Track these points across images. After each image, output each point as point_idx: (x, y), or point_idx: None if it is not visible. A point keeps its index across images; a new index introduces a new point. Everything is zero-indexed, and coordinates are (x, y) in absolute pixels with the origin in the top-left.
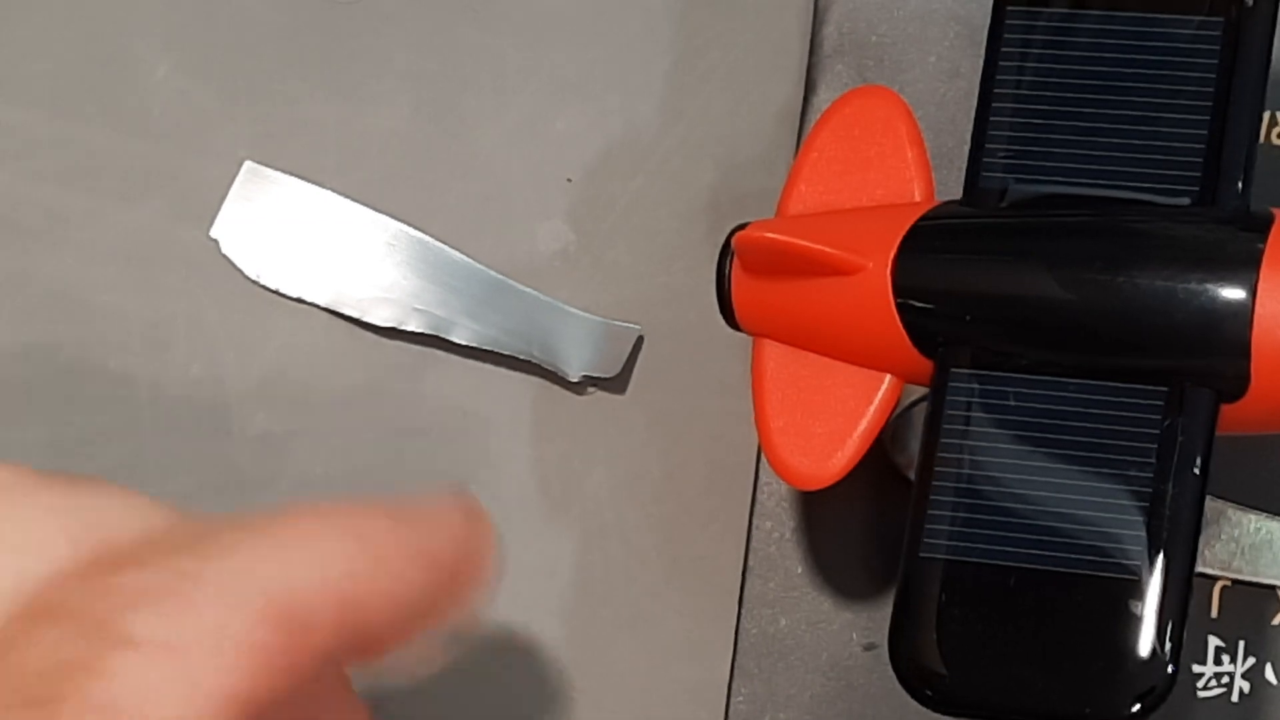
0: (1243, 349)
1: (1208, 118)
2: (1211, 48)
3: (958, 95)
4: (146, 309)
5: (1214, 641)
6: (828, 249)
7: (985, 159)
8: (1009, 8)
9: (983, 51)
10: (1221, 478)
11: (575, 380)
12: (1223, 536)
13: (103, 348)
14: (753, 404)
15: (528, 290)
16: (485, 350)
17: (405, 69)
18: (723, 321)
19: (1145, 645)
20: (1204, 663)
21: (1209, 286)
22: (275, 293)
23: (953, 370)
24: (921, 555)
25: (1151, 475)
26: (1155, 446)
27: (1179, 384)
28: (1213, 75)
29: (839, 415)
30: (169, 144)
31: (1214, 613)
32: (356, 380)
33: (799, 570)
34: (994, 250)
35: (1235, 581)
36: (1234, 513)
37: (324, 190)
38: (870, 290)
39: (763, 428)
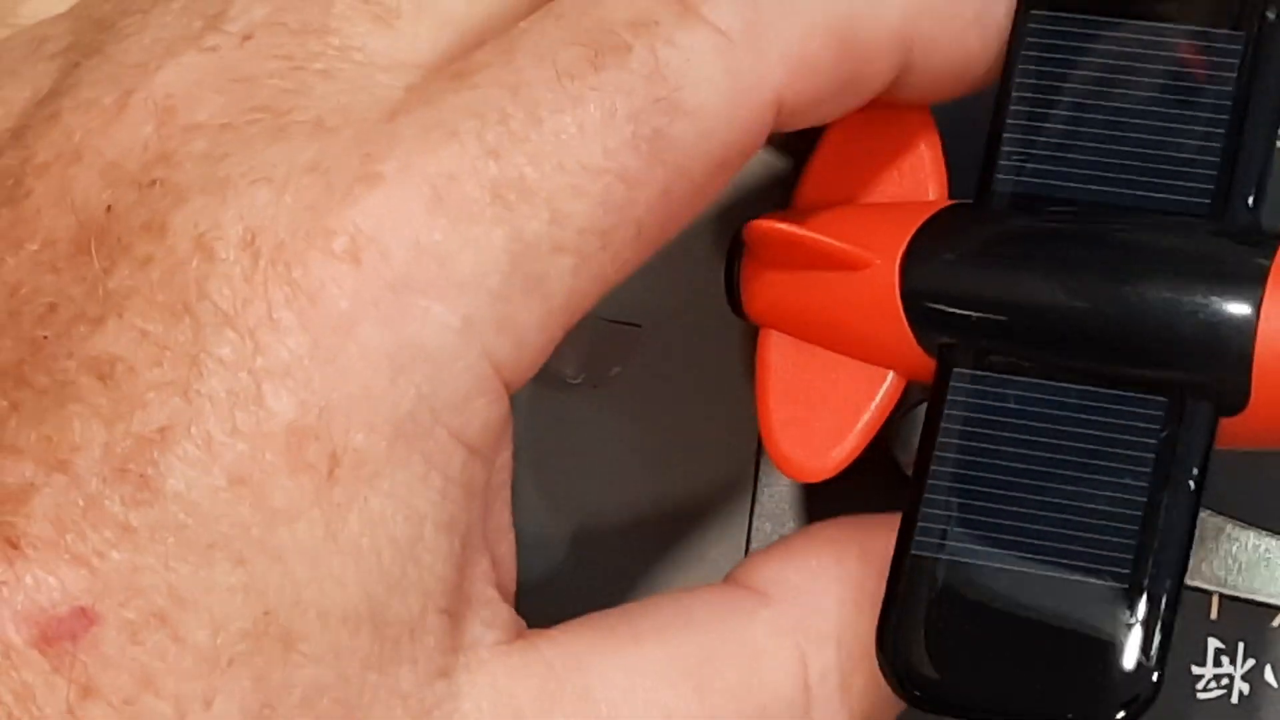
0: (1244, 364)
1: (1224, 131)
2: (1231, 60)
3: (971, 95)
4: None
5: (1214, 643)
6: (836, 243)
7: (999, 161)
8: (1032, 11)
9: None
10: (1221, 493)
11: (575, 380)
12: (1220, 552)
13: None
14: (755, 395)
15: None
16: None
17: None
18: (724, 322)
19: (1132, 653)
20: (1203, 664)
21: (1213, 300)
22: None
23: (955, 369)
24: (913, 552)
25: (1147, 484)
26: (1153, 456)
27: (1179, 395)
28: (1231, 89)
29: (841, 409)
30: None
31: (1214, 615)
32: None
33: None
34: (1001, 253)
35: (1231, 598)
36: (1233, 529)
37: None
38: (877, 286)
39: (764, 419)
